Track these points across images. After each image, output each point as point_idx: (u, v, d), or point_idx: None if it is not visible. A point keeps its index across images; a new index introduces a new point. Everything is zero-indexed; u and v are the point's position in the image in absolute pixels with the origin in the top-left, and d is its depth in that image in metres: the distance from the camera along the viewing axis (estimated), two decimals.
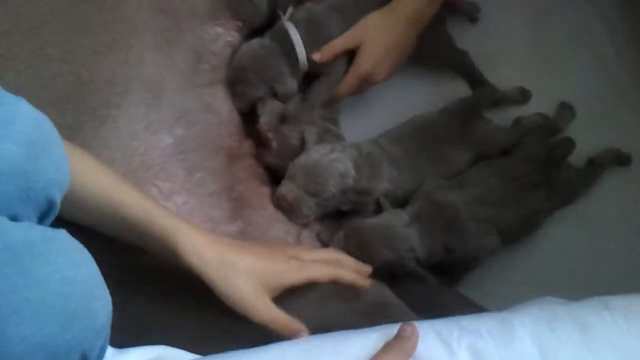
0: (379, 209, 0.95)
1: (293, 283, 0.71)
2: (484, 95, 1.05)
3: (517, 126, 1.05)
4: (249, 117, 0.98)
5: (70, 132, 0.77)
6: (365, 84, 1.01)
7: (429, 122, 1.02)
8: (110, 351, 0.60)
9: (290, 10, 0.99)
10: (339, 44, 0.97)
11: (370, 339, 0.60)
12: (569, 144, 1.04)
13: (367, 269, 0.79)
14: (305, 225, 0.91)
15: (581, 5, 1.13)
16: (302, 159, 0.91)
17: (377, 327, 0.63)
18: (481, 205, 0.94)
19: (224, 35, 0.96)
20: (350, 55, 0.99)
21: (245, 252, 0.70)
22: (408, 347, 0.58)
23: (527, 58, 1.11)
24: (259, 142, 0.96)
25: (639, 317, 0.60)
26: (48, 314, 0.45)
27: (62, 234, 0.51)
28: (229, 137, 0.92)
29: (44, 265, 0.46)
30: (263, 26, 1.02)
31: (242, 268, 0.68)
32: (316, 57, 0.97)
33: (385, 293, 0.81)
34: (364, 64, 0.97)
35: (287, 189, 0.89)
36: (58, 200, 0.53)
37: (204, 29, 0.93)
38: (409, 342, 0.58)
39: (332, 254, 0.79)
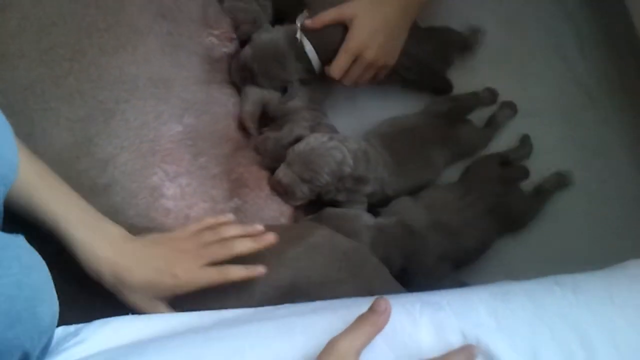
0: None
1: (187, 292, 0.72)
2: (468, 100, 1.09)
3: (492, 123, 1.09)
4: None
5: (82, 124, 0.81)
6: (359, 66, 0.97)
7: (414, 125, 1.04)
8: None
9: (303, 16, 0.99)
10: (329, 14, 0.96)
11: (337, 315, 0.62)
12: (524, 172, 1.05)
13: (257, 228, 0.78)
14: (298, 207, 0.94)
15: (551, 11, 1.16)
16: (301, 145, 0.93)
17: (347, 302, 0.66)
18: (449, 238, 0.95)
19: (218, 46, 0.98)
20: None
21: (140, 265, 0.71)
22: (380, 321, 0.60)
23: (498, 62, 1.13)
24: (251, 138, 0.98)
25: (586, 290, 0.64)
26: None
27: (19, 240, 0.53)
28: (238, 129, 0.96)
29: None
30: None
31: (135, 285, 0.71)
32: (308, 22, 0.96)
33: (366, 253, 0.86)
34: (354, 37, 0.95)
35: (282, 173, 0.92)
36: (0, 194, 0.54)
37: (201, 36, 0.95)
38: (381, 316, 0.60)
39: (209, 221, 0.78)
